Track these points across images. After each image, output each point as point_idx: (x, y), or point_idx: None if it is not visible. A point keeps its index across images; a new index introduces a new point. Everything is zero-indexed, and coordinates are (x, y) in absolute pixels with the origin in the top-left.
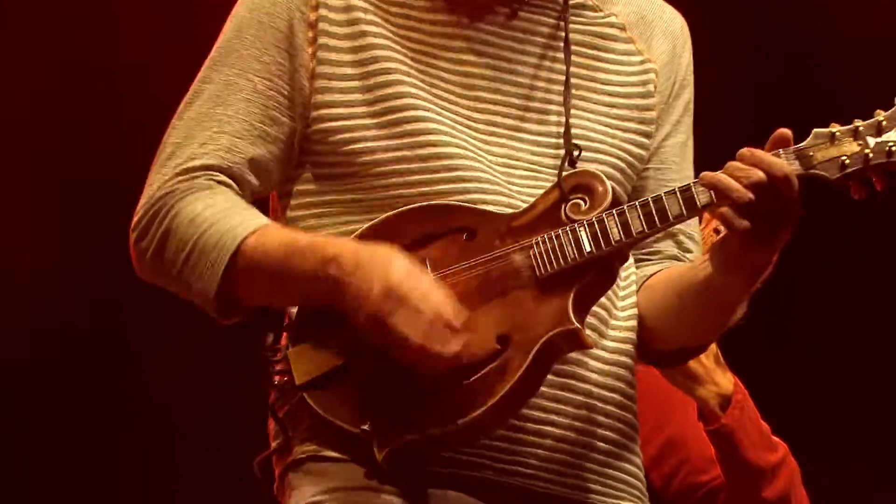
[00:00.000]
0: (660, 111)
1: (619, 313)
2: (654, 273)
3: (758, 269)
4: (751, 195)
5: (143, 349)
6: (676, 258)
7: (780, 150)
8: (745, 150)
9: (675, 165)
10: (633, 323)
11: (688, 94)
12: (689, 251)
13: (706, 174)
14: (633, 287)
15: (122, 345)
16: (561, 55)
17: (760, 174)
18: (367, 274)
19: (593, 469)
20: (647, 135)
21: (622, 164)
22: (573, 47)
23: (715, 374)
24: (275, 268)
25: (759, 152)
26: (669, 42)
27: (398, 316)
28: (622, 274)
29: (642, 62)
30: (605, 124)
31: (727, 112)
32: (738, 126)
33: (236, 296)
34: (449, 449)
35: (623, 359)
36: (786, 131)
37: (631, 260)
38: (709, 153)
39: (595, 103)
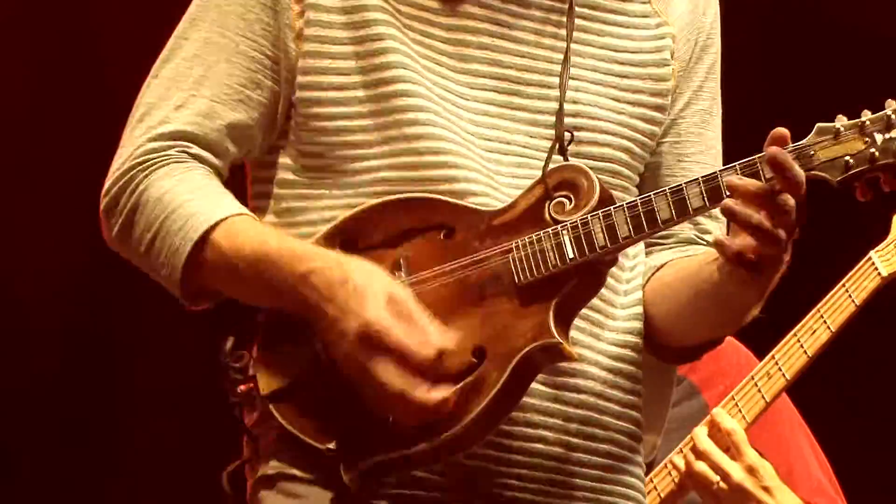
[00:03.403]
0: (678, 79)
1: (619, 312)
2: (666, 263)
3: (771, 273)
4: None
5: (132, 351)
6: (692, 241)
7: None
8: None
9: (695, 137)
10: (638, 324)
11: (711, 57)
12: (707, 232)
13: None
14: (639, 281)
15: (110, 347)
16: (566, 20)
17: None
18: (342, 304)
19: (585, 486)
20: (661, 108)
21: (628, 143)
22: (582, 10)
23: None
24: (242, 269)
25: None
26: (691, 2)
27: (375, 363)
28: (627, 265)
29: (658, 25)
30: (613, 97)
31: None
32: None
33: (201, 284)
34: (423, 468)
35: (623, 364)
36: (783, 131)
37: (641, 247)
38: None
39: (604, 73)
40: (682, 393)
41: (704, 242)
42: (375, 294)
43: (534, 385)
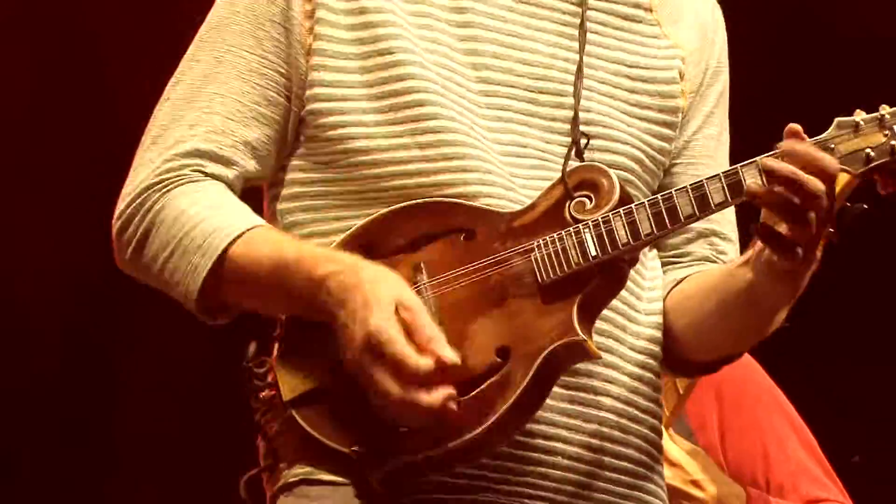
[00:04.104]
0: (690, 101)
1: (642, 317)
2: (685, 278)
3: (803, 272)
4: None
5: (131, 352)
6: (709, 259)
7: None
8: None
9: (708, 160)
10: (659, 333)
11: (721, 84)
12: (723, 253)
13: (765, 158)
14: (660, 292)
15: (109, 347)
16: (577, 31)
17: (832, 161)
18: (352, 311)
19: (611, 490)
20: (671, 125)
21: (640, 155)
22: (595, 25)
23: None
24: (262, 279)
25: (802, 147)
26: (699, 27)
27: (376, 370)
28: (647, 274)
29: (669, 47)
30: (623, 111)
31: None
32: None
33: (220, 300)
34: (448, 470)
35: (644, 371)
36: (796, 126)
37: (656, 257)
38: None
39: (615, 87)
40: None
41: (720, 262)
42: (383, 302)
43: (554, 388)
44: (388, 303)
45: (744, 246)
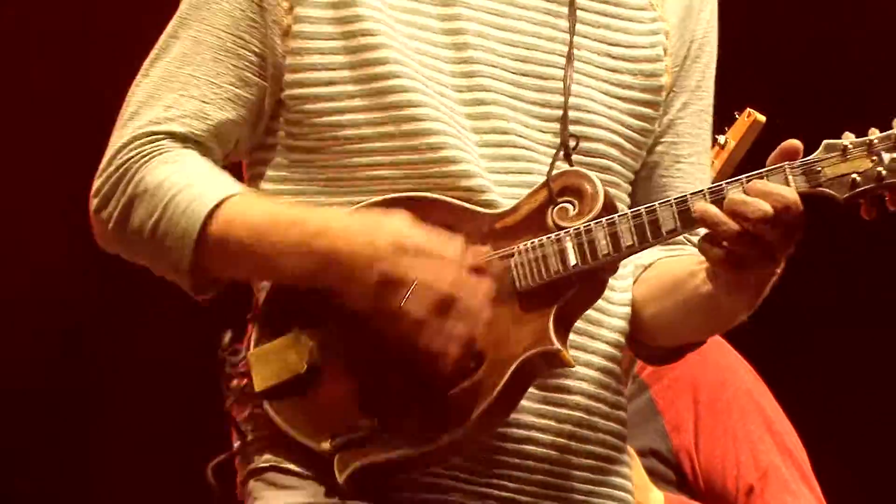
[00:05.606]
0: (673, 77)
1: (615, 308)
2: (654, 263)
3: (761, 286)
4: (737, 229)
5: (124, 347)
6: (680, 241)
7: (787, 163)
8: (753, 182)
9: (691, 138)
10: (626, 324)
11: (707, 56)
12: (696, 233)
13: (698, 206)
14: (630, 281)
15: (100, 347)
16: (566, 10)
17: (766, 208)
18: (365, 236)
19: (579, 489)
20: (652, 104)
21: (619, 139)
22: (581, 1)
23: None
24: (254, 239)
25: (766, 185)
26: None
27: (418, 266)
28: (621, 271)
29: (654, 20)
30: (604, 91)
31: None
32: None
33: (211, 267)
34: (418, 471)
35: (613, 364)
36: (796, 143)
37: None
38: None
39: (597, 66)
40: (631, 391)
41: (691, 244)
42: (402, 220)
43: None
44: (409, 220)
45: None
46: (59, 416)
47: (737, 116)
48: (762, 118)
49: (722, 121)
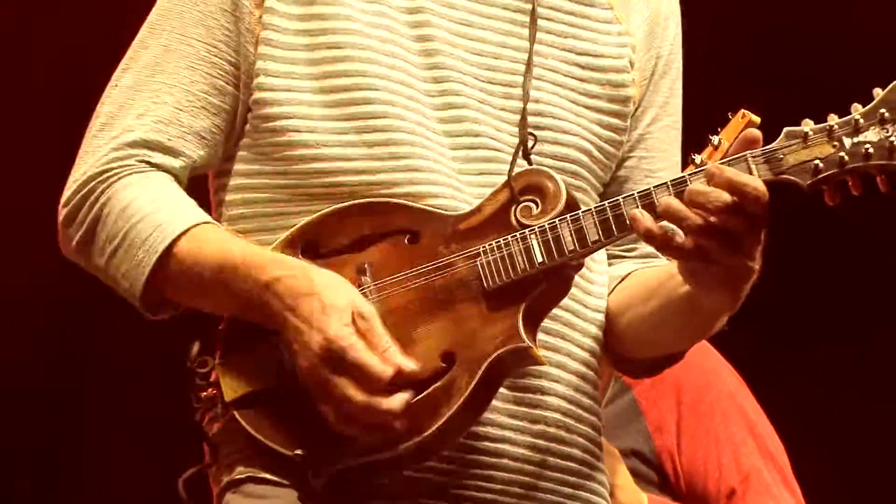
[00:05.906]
0: (642, 91)
1: (590, 314)
2: (630, 274)
3: (738, 281)
4: (700, 221)
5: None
6: (654, 255)
7: (748, 152)
8: (713, 169)
9: (662, 153)
10: (601, 332)
11: (675, 72)
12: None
13: (662, 201)
14: (606, 287)
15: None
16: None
17: (726, 197)
18: (306, 316)
19: (557, 490)
20: (621, 115)
21: (589, 146)
22: (547, 11)
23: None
24: (206, 279)
25: (727, 171)
26: (651, 13)
27: (337, 376)
28: (595, 268)
29: (620, 33)
30: (572, 100)
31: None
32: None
33: (165, 296)
34: (394, 473)
35: (589, 367)
36: (755, 133)
37: (603, 255)
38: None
39: (565, 75)
40: (614, 391)
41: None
42: (340, 309)
43: (501, 389)
44: (345, 309)
45: None
46: (58, 416)
47: (730, 117)
48: (757, 119)
49: (716, 122)
